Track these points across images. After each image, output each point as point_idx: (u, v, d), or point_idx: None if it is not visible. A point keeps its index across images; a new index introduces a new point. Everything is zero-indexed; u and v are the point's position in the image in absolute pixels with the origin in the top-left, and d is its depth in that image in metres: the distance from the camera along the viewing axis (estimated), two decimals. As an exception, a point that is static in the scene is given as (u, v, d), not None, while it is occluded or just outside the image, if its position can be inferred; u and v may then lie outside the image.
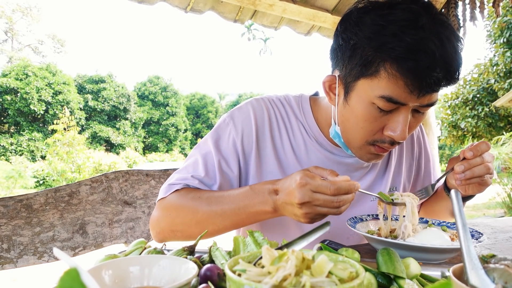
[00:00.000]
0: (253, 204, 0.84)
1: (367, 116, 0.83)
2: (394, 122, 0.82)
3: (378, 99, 0.79)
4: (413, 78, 0.75)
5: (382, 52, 0.76)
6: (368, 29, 0.78)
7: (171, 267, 0.49)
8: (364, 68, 0.80)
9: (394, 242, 0.74)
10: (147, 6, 2.37)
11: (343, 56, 0.84)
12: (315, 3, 2.67)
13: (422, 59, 0.73)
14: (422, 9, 0.76)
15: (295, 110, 1.05)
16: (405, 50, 0.73)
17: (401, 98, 0.78)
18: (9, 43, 33.81)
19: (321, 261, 0.39)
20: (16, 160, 17.64)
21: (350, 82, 0.84)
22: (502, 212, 7.68)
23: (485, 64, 13.48)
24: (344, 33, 0.84)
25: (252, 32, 37.82)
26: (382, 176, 1.11)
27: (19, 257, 1.21)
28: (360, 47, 0.79)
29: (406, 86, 0.76)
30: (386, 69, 0.77)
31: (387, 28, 0.75)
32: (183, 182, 0.95)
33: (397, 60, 0.75)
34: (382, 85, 0.78)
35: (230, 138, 0.99)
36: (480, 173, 0.88)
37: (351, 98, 0.85)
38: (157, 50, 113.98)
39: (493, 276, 0.43)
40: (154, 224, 0.97)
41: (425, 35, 0.73)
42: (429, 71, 0.73)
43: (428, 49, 0.72)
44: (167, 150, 34.20)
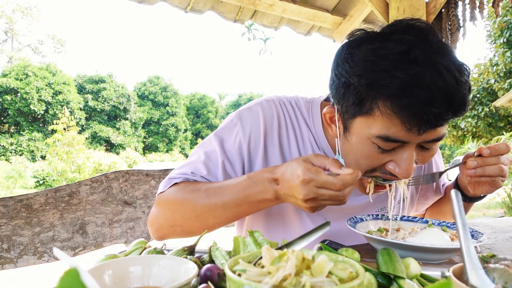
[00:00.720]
0: (254, 193, 0.82)
1: (367, 154, 0.78)
2: (397, 159, 0.77)
3: (376, 139, 0.75)
4: (409, 116, 0.69)
5: (373, 90, 0.71)
6: (358, 66, 0.73)
7: (171, 267, 0.49)
8: (357, 106, 0.75)
9: (394, 242, 0.74)
10: (147, 6, 2.37)
11: (337, 93, 0.80)
12: (315, 3, 2.67)
13: (417, 95, 0.67)
14: (416, 38, 0.70)
15: (304, 116, 1.00)
16: (398, 86, 0.68)
17: (399, 137, 0.73)
18: (9, 43, 33.81)
19: (321, 261, 0.39)
20: (16, 160, 17.64)
21: (348, 119, 0.80)
22: (502, 212, 7.68)
23: (485, 64, 13.48)
24: (336, 69, 0.79)
25: (252, 32, 37.79)
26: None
27: (19, 257, 1.21)
28: (351, 85, 0.74)
29: (403, 124, 0.70)
30: (379, 108, 0.71)
31: (378, 63, 0.70)
32: (183, 176, 0.93)
33: (390, 98, 0.69)
34: (378, 124, 0.73)
35: (237, 140, 0.95)
36: (492, 173, 0.87)
37: (350, 135, 0.81)
38: (157, 50, 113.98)
39: (493, 276, 0.43)
40: (152, 220, 0.94)
41: (419, 69, 0.67)
42: (426, 107, 0.67)
43: (423, 84, 0.66)
44: (167, 150, 34.21)
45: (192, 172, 0.93)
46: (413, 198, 1.18)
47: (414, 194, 1.18)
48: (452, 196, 0.56)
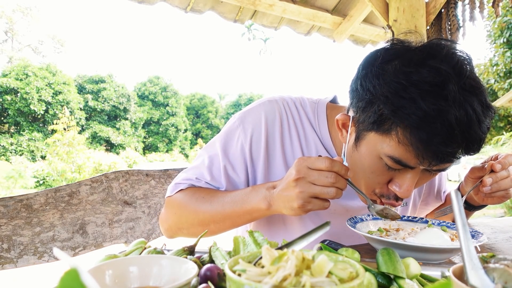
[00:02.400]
0: (250, 200, 0.84)
1: (373, 168, 0.79)
2: (401, 179, 0.78)
3: (386, 157, 0.75)
4: (424, 150, 0.69)
5: (396, 117, 0.70)
6: (387, 86, 0.70)
7: (171, 267, 0.49)
8: (376, 124, 0.74)
9: (394, 242, 0.74)
10: (147, 6, 2.37)
11: (359, 103, 0.79)
12: (315, 3, 2.67)
13: (437, 132, 0.66)
14: (453, 71, 0.68)
15: (309, 117, 1.00)
16: (420, 119, 0.66)
17: (410, 163, 0.73)
18: (9, 43, 33.81)
19: (321, 261, 0.39)
20: (16, 160, 17.64)
21: (362, 131, 0.79)
22: (502, 212, 7.68)
23: (485, 64, 13.48)
24: (364, 80, 0.77)
25: (252, 32, 37.78)
26: None
27: (19, 257, 1.21)
28: (376, 103, 0.73)
29: (417, 156, 0.71)
30: (398, 134, 0.71)
31: (408, 90, 0.68)
32: (188, 182, 0.96)
33: (410, 128, 0.69)
34: (392, 146, 0.73)
35: (239, 143, 0.95)
36: (506, 187, 0.88)
37: (361, 145, 0.80)
38: (157, 50, 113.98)
39: (493, 276, 0.43)
40: (162, 221, 1.00)
41: (446, 106, 0.65)
42: (443, 146, 0.67)
43: (446, 122, 0.65)
44: (167, 150, 34.22)
45: (196, 177, 0.96)
46: (416, 204, 1.18)
47: (417, 199, 1.17)
48: (452, 196, 0.56)
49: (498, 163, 0.87)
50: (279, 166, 0.97)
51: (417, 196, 1.17)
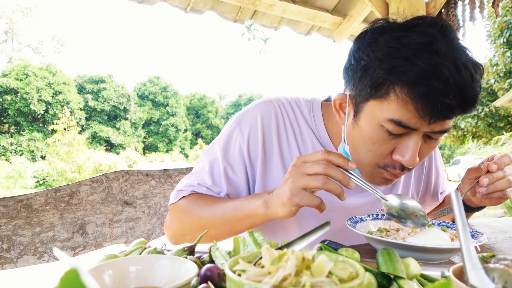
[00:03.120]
0: (249, 204, 0.85)
1: (375, 138, 0.79)
2: (404, 146, 0.78)
3: (387, 122, 0.76)
4: (424, 104, 0.71)
5: (393, 75, 0.73)
6: (380, 51, 0.75)
7: (171, 267, 0.49)
8: (374, 89, 0.76)
9: (394, 242, 0.74)
10: (147, 6, 2.37)
11: (354, 75, 0.81)
12: (315, 3, 2.67)
13: (434, 84, 0.69)
14: (439, 32, 0.72)
15: (305, 115, 1.01)
16: (417, 74, 0.70)
17: (411, 123, 0.74)
18: (9, 43, 33.81)
19: (321, 261, 0.39)
20: (16, 160, 17.63)
21: (360, 103, 0.81)
22: (502, 212, 7.68)
23: (485, 64, 13.48)
24: (357, 53, 0.81)
25: (252, 32, 37.77)
26: (391, 188, 1.09)
27: (19, 257, 1.21)
28: (371, 68, 0.76)
29: (416, 111, 0.72)
30: (396, 93, 0.73)
31: (400, 50, 0.72)
32: (190, 188, 0.97)
33: (408, 84, 0.71)
34: (392, 108, 0.75)
35: (237, 144, 0.97)
36: (503, 187, 0.88)
37: (360, 119, 0.82)
38: (157, 50, 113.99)
39: (493, 276, 0.43)
40: (167, 227, 1.01)
41: (440, 60, 0.69)
42: (441, 97, 0.70)
43: (441, 75, 0.69)
44: (167, 150, 34.22)
45: (198, 183, 0.97)
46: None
47: (415, 196, 1.18)
48: (452, 196, 0.56)
49: (494, 163, 0.87)
50: (277, 165, 0.98)
51: (415, 193, 1.17)
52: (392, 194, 0.86)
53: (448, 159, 30.75)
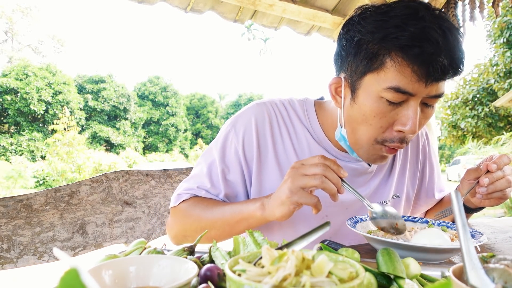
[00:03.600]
0: (248, 206, 0.88)
1: (375, 111, 0.82)
2: (404, 116, 0.81)
3: (386, 92, 0.79)
4: (420, 65, 0.75)
5: (386, 43, 0.77)
6: (370, 25, 0.79)
7: (171, 267, 0.49)
8: (369, 62, 0.80)
9: (394, 242, 0.74)
10: (147, 6, 2.37)
11: (348, 55, 0.85)
12: (315, 3, 2.67)
13: (426, 46, 0.74)
14: (420, 5, 0.79)
15: (299, 114, 1.04)
16: (409, 38, 0.74)
17: (409, 88, 0.77)
18: (9, 43, 33.81)
19: (321, 261, 0.39)
20: (16, 160, 17.63)
21: (356, 80, 0.84)
22: (502, 212, 7.68)
23: (485, 64, 13.49)
24: (347, 34, 0.85)
25: (252, 32, 37.77)
26: (386, 182, 1.10)
27: (19, 257, 1.21)
28: (364, 43, 0.80)
29: (413, 73, 0.76)
30: (392, 59, 0.77)
31: (389, 21, 0.77)
32: (190, 192, 1.00)
33: (402, 48, 0.75)
34: (389, 76, 0.78)
35: (232, 147, 0.99)
36: (502, 187, 0.88)
37: (358, 96, 0.84)
38: (157, 50, 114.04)
39: (493, 276, 0.43)
40: (169, 229, 1.03)
41: (427, 25, 0.75)
42: (434, 56, 0.74)
43: (431, 37, 0.74)
44: (167, 150, 34.22)
45: (198, 186, 1.00)
46: (409, 197, 1.17)
47: (411, 192, 1.17)
48: (452, 196, 0.56)
49: (493, 163, 0.88)
50: (272, 165, 1.00)
51: (410, 189, 1.17)
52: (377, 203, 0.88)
53: (448, 159, 30.75)
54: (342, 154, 1.01)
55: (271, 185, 0.99)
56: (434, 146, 2.74)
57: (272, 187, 0.99)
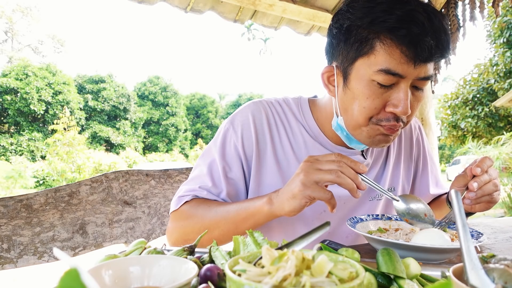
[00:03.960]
0: (254, 203, 0.87)
1: (368, 94, 0.84)
2: (395, 98, 0.83)
3: (376, 74, 0.81)
4: (408, 45, 0.78)
5: (375, 26, 0.80)
6: (359, 11, 0.82)
7: (171, 267, 0.49)
8: (360, 47, 0.83)
9: (394, 242, 0.74)
10: (147, 6, 2.37)
11: (339, 43, 0.88)
12: (315, 3, 2.67)
13: (413, 27, 0.77)
14: None
15: (294, 112, 1.06)
16: (396, 20, 0.78)
17: (398, 69, 0.80)
18: (9, 43, 33.81)
19: (321, 261, 0.39)
20: (16, 160, 17.64)
21: (348, 66, 0.87)
22: (502, 212, 7.68)
23: (485, 64, 13.48)
24: (337, 23, 0.88)
25: (252, 32, 37.77)
26: (381, 176, 1.11)
27: (19, 257, 1.21)
28: (354, 28, 0.83)
29: (402, 54, 0.79)
30: (381, 41, 0.80)
31: (376, 7, 0.80)
32: (192, 193, 0.99)
33: (390, 31, 0.78)
34: (379, 59, 0.81)
35: (232, 144, 1.00)
36: (490, 191, 0.88)
37: (350, 81, 0.87)
38: (157, 50, 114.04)
39: (493, 276, 0.43)
40: (170, 234, 1.01)
41: (413, 7, 0.78)
42: (421, 37, 0.77)
43: (417, 20, 0.77)
44: (167, 150, 34.21)
45: (199, 186, 0.99)
46: (405, 189, 1.18)
47: (406, 184, 1.18)
48: (452, 196, 0.56)
49: (477, 166, 0.88)
50: (270, 160, 1.01)
51: (406, 182, 1.17)
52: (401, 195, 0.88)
53: (448, 159, 30.74)
54: (338, 148, 1.03)
55: (269, 181, 1.01)
56: (433, 142, 2.74)
57: (271, 183, 1.00)
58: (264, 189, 1.01)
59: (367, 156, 1.06)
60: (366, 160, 1.05)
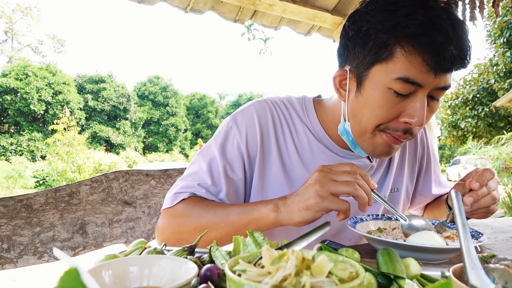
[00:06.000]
0: (258, 208, 0.83)
1: (383, 102, 0.81)
2: (411, 108, 0.80)
3: (394, 83, 0.78)
4: (430, 54, 0.74)
5: (396, 31, 0.76)
6: (379, 14, 0.78)
7: (171, 267, 0.49)
8: (378, 52, 0.79)
9: (394, 242, 0.74)
10: (147, 6, 2.37)
11: (355, 47, 0.83)
12: (315, 3, 2.67)
13: (436, 35, 0.73)
14: None
15: (298, 112, 1.03)
16: (419, 26, 0.74)
17: (418, 78, 0.76)
18: (9, 43, 33.80)
19: (321, 261, 0.39)
20: (16, 160, 17.63)
21: (363, 72, 0.83)
22: (502, 212, 7.68)
23: (485, 64, 13.48)
24: (354, 25, 0.83)
25: (252, 32, 37.77)
26: (385, 177, 1.10)
27: (19, 257, 1.21)
28: (373, 32, 0.79)
29: (424, 62, 0.75)
30: (402, 47, 0.76)
31: (398, 11, 0.76)
32: (189, 190, 0.94)
33: (413, 37, 0.74)
34: (399, 66, 0.77)
35: (235, 142, 0.96)
36: (487, 204, 0.88)
37: (364, 87, 0.83)
38: (157, 50, 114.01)
39: (493, 276, 0.43)
40: (159, 232, 0.95)
41: (437, 14, 0.74)
42: (444, 46, 0.73)
43: (441, 27, 0.73)
44: (167, 150, 34.19)
45: (198, 184, 0.94)
46: (408, 192, 1.17)
47: (410, 185, 1.17)
48: (452, 196, 0.56)
49: (476, 181, 0.86)
50: (275, 162, 0.98)
51: (409, 183, 1.17)
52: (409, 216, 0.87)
53: (448, 159, 30.73)
54: (343, 151, 1.01)
55: (273, 182, 0.98)
56: (434, 142, 2.74)
57: (275, 184, 0.97)
58: (268, 189, 0.98)
59: (372, 160, 1.05)
60: (372, 163, 1.04)
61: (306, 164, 0.99)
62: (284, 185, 0.97)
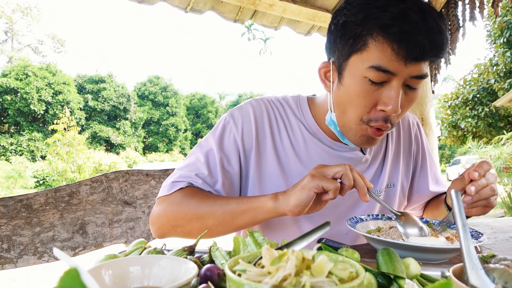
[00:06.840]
0: (256, 198, 0.88)
1: (359, 91, 0.85)
2: (386, 96, 0.84)
3: (368, 71, 0.82)
4: (399, 43, 0.78)
5: (368, 23, 0.81)
6: (355, 8, 0.84)
7: (171, 267, 0.49)
8: (354, 43, 0.84)
9: (394, 242, 0.74)
10: (147, 6, 2.37)
11: (336, 39, 0.89)
12: (315, 3, 2.67)
13: (405, 25, 0.77)
14: None
15: (293, 109, 1.08)
16: (389, 18, 0.78)
17: (389, 66, 0.81)
18: (9, 43, 33.81)
19: (321, 261, 0.39)
20: (16, 160, 17.63)
21: (343, 62, 0.88)
22: (502, 212, 7.68)
23: (485, 64, 13.48)
24: (335, 19, 0.89)
25: (252, 32, 37.77)
26: (380, 172, 1.11)
27: (19, 257, 1.21)
28: (349, 24, 0.84)
29: (393, 52, 0.79)
30: (373, 38, 0.81)
31: (373, 4, 0.81)
32: (187, 180, 0.96)
33: (382, 28, 0.79)
34: (371, 55, 0.82)
35: (231, 136, 1.01)
36: (487, 196, 0.88)
37: (344, 77, 0.88)
38: (157, 50, 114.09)
39: (493, 276, 0.43)
40: (154, 219, 0.97)
41: (408, 6, 0.79)
42: (412, 35, 0.77)
43: (410, 18, 0.77)
44: (167, 150, 34.19)
45: (196, 174, 0.97)
46: (404, 186, 1.17)
47: (405, 181, 1.18)
48: (452, 196, 0.56)
49: (474, 171, 0.88)
50: (271, 156, 1.02)
51: (405, 179, 1.17)
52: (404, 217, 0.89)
53: (448, 159, 30.73)
54: (337, 144, 1.04)
55: (270, 175, 1.02)
56: (434, 142, 2.74)
57: (271, 177, 1.01)
58: (264, 182, 1.01)
59: (365, 152, 1.07)
60: (365, 156, 1.06)
61: (300, 157, 1.03)
62: (279, 177, 1.01)
